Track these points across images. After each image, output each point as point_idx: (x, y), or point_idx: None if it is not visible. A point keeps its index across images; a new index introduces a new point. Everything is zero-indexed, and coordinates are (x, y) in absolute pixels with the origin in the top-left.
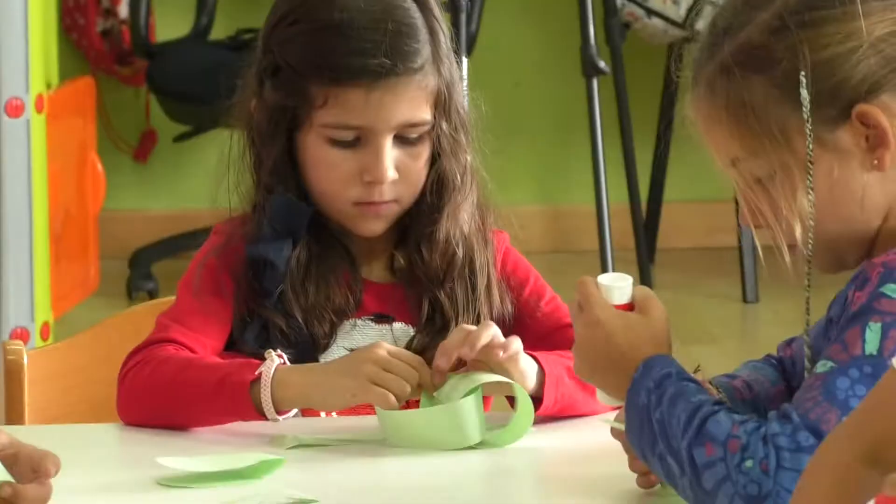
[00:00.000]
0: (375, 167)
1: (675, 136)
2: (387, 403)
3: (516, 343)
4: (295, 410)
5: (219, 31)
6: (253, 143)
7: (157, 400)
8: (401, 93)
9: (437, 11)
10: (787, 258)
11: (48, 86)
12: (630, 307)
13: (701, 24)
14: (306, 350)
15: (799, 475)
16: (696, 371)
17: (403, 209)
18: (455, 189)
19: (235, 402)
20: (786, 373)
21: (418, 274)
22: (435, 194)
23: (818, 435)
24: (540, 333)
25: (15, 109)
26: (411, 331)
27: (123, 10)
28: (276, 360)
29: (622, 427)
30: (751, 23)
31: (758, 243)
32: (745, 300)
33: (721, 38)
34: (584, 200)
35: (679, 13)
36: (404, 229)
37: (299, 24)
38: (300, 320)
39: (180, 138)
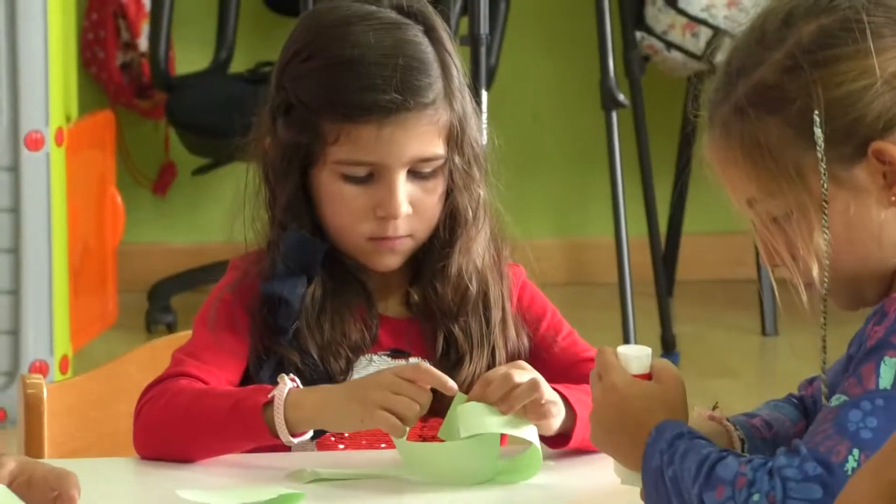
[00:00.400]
0: (388, 202)
1: (694, 168)
2: (395, 429)
3: (556, 408)
4: (310, 434)
5: (238, 65)
6: (267, 180)
7: (172, 431)
8: (412, 128)
9: (450, 45)
10: (805, 297)
11: (68, 119)
12: (648, 377)
13: (720, 58)
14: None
15: None
16: (714, 408)
17: (418, 244)
18: (467, 223)
19: (249, 427)
20: (807, 412)
21: (432, 308)
22: (447, 229)
23: (827, 466)
24: (558, 369)
25: (35, 143)
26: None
27: (143, 44)
28: (288, 383)
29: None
30: (764, 63)
31: (773, 279)
32: (764, 333)
33: (735, 79)
34: (603, 233)
35: (699, 46)
36: (419, 264)
37: (311, 60)
38: (316, 357)
39: (199, 171)
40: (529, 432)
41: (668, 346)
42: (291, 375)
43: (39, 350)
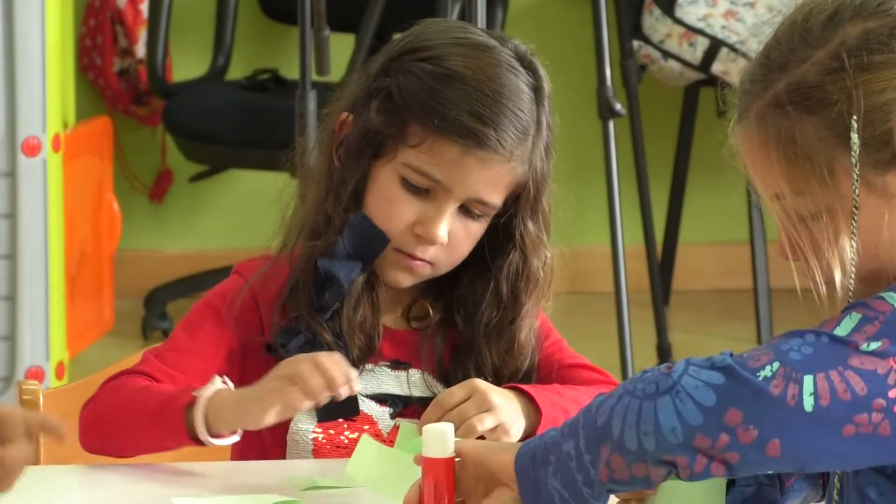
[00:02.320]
0: (431, 224)
1: (691, 177)
2: (293, 403)
3: (507, 436)
4: (235, 438)
5: (235, 72)
6: (339, 158)
7: (108, 426)
8: (491, 168)
9: (549, 107)
10: (824, 293)
11: (65, 125)
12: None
13: (717, 67)
14: None
15: (705, 387)
16: None
17: (435, 274)
18: (537, 286)
19: (171, 427)
20: None
21: (482, 366)
22: (513, 289)
23: (740, 364)
24: (540, 374)
25: (32, 149)
26: (430, 378)
27: (140, 50)
28: (217, 384)
29: None
30: (807, 61)
31: (793, 286)
32: (759, 343)
33: (776, 73)
34: (600, 242)
35: (695, 55)
36: (431, 282)
37: (427, 62)
38: (346, 340)
39: (196, 178)
40: None
41: (663, 356)
42: (224, 378)
43: (36, 356)
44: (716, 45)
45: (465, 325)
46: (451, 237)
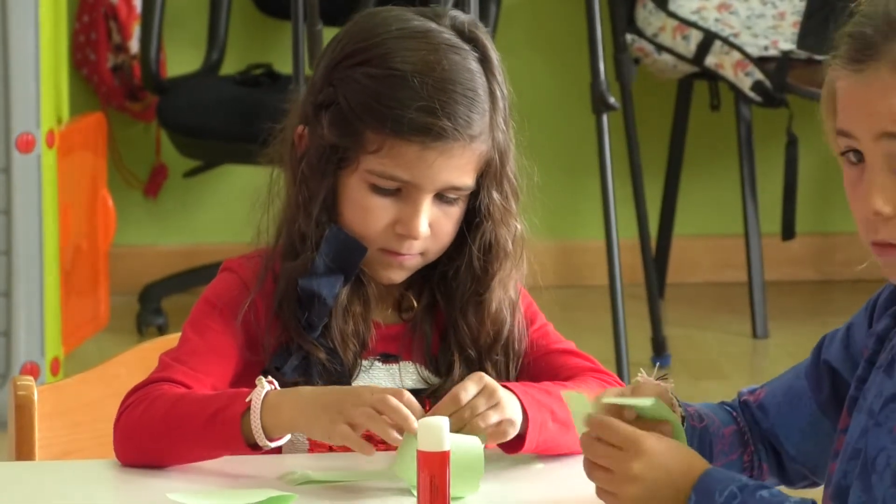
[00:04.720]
0: (411, 222)
1: (685, 171)
2: (362, 449)
3: (513, 427)
4: (287, 437)
5: (229, 67)
6: (303, 175)
7: (150, 438)
8: (455, 156)
9: (500, 77)
10: None
11: (59, 121)
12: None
13: (710, 60)
14: (344, 383)
15: None
16: (662, 377)
17: (426, 262)
18: (506, 256)
19: (226, 438)
20: (752, 416)
21: (462, 340)
22: (484, 260)
23: None
24: (526, 359)
25: (26, 145)
26: (421, 369)
27: (134, 46)
28: (266, 387)
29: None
30: None
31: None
32: (754, 335)
33: None
34: (594, 236)
35: (689, 49)
36: (418, 272)
37: (366, 66)
38: (340, 354)
39: (190, 173)
40: (475, 447)
41: (658, 349)
42: (269, 378)
43: (31, 352)
44: (709, 38)
45: (446, 303)
46: (433, 226)
